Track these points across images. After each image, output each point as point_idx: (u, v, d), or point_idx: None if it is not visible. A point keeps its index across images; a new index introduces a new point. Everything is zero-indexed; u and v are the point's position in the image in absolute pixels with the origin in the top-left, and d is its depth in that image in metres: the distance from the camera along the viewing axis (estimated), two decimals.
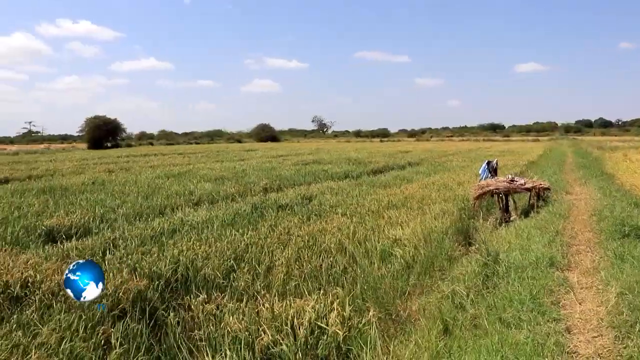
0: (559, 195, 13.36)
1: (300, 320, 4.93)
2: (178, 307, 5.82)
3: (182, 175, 20.71)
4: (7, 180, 20.09)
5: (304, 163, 27.43)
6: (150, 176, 20.57)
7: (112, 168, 26.03)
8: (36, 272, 6.38)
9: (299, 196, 13.80)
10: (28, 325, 5.11)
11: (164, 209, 12.19)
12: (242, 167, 25.06)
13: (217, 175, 20.01)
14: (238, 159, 33.59)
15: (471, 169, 22.56)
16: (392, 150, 46.78)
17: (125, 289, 5.80)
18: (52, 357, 4.42)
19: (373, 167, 24.72)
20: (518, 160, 28.74)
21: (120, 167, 27.06)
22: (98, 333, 4.94)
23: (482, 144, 72.47)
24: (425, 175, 20.80)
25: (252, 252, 7.75)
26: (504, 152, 40.54)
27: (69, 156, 44.15)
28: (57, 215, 10.93)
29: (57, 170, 24.95)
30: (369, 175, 21.26)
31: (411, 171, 23.40)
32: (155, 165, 28.35)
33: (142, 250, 7.81)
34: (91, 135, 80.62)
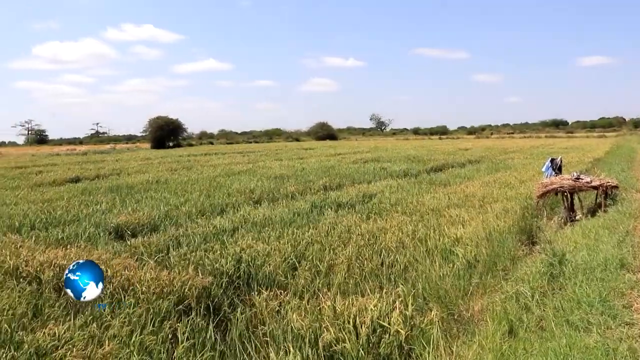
0: (628, 194, 12.84)
1: (362, 318, 4.93)
2: (241, 303, 5.93)
3: (243, 174, 21.04)
4: (78, 179, 20.93)
5: (362, 161, 27.39)
6: (212, 175, 20.99)
7: (175, 167, 26.67)
8: (107, 267, 6.61)
9: (359, 194, 13.78)
10: (100, 317, 5.32)
11: (226, 207, 12.40)
12: (301, 165, 25.24)
13: (276, 174, 20.21)
14: (297, 158, 33.82)
15: (533, 166, 21.99)
16: (451, 147, 46.09)
17: (190, 285, 5.94)
18: (124, 348, 4.58)
19: (432, 165, 24.42)
20: (583, 157, 27.79)
21: (183, 166, 27.71)
22: (165, 327, 5.09)
23: (544, 140, 70.41)
24: (485, 173, 20.41)
25: (313, 250, 7.80)
26: (567, 149, 39.30)
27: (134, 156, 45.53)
28: (124, 212, 11.31)
29: (123, 169, 25.78)
30: (428, 173, 21.03)
31: (471, 169, 23.01)
32: (215, 164, 28.88)
33: (205, 248, 8.00)
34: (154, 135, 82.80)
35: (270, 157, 36.12)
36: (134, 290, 5.97)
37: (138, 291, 5.92)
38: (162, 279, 6.10)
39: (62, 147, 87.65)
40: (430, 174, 20.72)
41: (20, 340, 4.79)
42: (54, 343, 4.65)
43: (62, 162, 36.89)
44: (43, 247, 8.08)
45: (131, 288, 6.05)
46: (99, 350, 4.47)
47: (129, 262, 7.01)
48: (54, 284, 6.54)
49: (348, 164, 25.75)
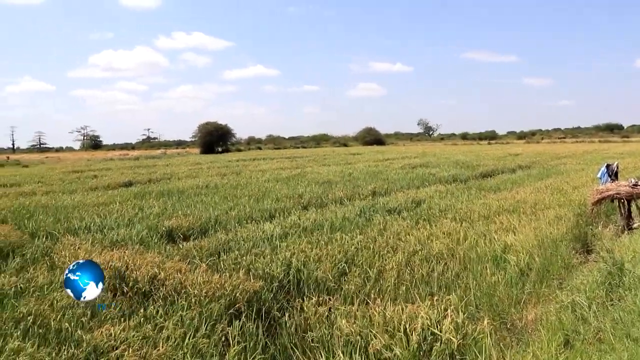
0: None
1: (413, 325, 4.89)
2: (291, 308, 5.96)
3: (291, 179, 21.16)
4: (131, 184, 21.48)
5: (410, 166, 27.19)
6: (260, 180, 21.21)
7: (224, 172, 27.05)
8: (160, 270, 6.76)
9: (407, 200, 13.69)
10: (154, 319, 5.43)
11: (275, 212, 12.49)
12: (348, 170, 25.22)
13: (324, 179, 20.25)
14: (344, 163, 33.83)
15: (587, 172, 21.42)
16: (500, 153, 45.31)
17: (241, 289, 6.01)
18: (177, 350, 4.66)
19: (481, 170, 24.04)
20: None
21: (232, 171, 28.08)
22: (217, 331, 5.15)
23: (597, 145, 68.42)
24: (537, 179, 19.99)
25: (362, 255, 7.79)
26: (623, 154, 38.06)
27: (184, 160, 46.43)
28: (176, 216, 11.53)
29: (173, 174, 26.31)
30: (478, 179, 20.73)
31: (522, 175, 22.57)
32: (264, 169, 29.15)
33: (255, 252, 8.07)
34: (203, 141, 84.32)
35: (318, 162, 36.25)
36: (187, 293, 6.08)
37: (190, 294, 6.02)
38: (213, 283, 6.19)
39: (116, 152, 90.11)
40: (479, 180, 20.43)
41: (80, 339, 4.95)
42: (110, 343, 4.78)
43: (116, 166, 37.90)
44: (99, 249, 8.32)
45: (183, 291, 6.16)
46: (153, 352, 4.57)
47: (181, 265, 7.14)
48: (110, 286, 6.72)
49: (396, 169, 25.61)
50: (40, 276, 7.12)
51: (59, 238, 9.69)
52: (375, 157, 42.48)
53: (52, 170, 35.19)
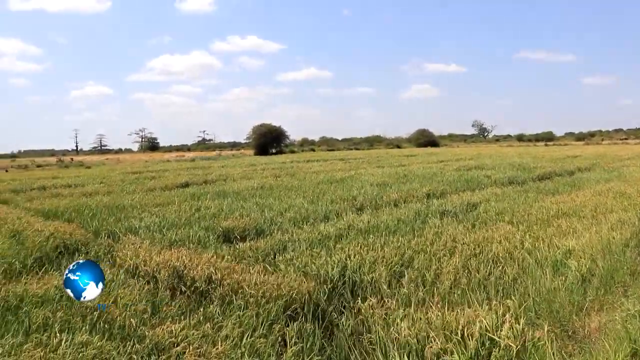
0: None
1: (470, 330, 4.81)
2: (346, 310, 5.97)
3: (345, 181, 21.17)
4: (187, 185, 21.94)
5: (465, 169, 26.80)
6: (314, 181, 21.29)
7: (278, 173, 27.29)
8: (217, 270, 6.88)
9: (463, 203, 13.49)
10: (212, 318, 5.55)
11: (329, 213, 12.53)
12: (403, 172, 25.04)
13: (378, 181, 20.18)
14: (398, 165, 33.64)
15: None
16: (558, 154, 44.08)
17: (297, 290, 6.06)
18: (236, 349, 4.73)
19: (538, 173, 23.41)
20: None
21: (286, 172, 28.30)
22: (275, 331, 5.22)
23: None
24: (597, 182, 19.33)
25: (418, 258, 7.73)
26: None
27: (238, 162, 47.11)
28: (232, 217, 11.71)
29: (228, 175, 26.73)
30: (535, 182, 20.22)
31: (581, 177, 21.88)
32: (317, 170, 29.26)
33: (310, 253, 8.12)
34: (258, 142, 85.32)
35: (372, 164, 36.16)
36: (243, 293, 6.17)
37: (247, 294, 6.12)
38: (270, 283, 6.26)
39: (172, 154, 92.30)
40: (536, 182, 19.93)
41: (142, 335, 5.10)
42: (171, 340, 4.90)
43: (173, 168, 38.80)
44: (158, 248, 8.53)
45: (240, 291, 6.26)
46: (212, 350, 4.66)
47: (238, 266, 7.25)
48: (169, 284, 6.90)
49: (450, 171, 25.28)
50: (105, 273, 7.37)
51: (120, 237, 10.00)
52: (429, 159, 42.06)
53: (113, 172, 36.32)
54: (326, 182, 20.91)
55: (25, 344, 4.89)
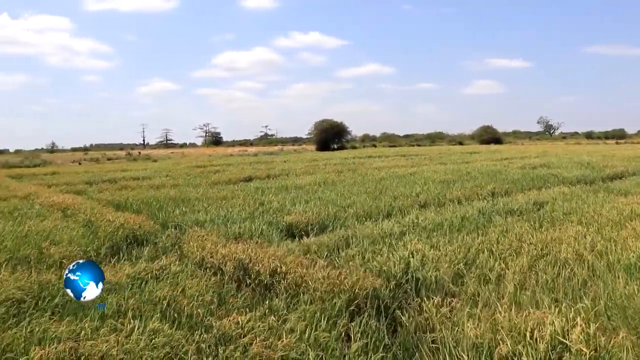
0: None
1: (540, 333, 4.71)
2: (410, 307, 5.94)
3: (407, 177, 21.02)
4: (251, 179, 22.31)
5: (531, 167, 26.07)
6: (376, 177, 21.23)
7: (340, 169, 27.32)
8: (281, 263, 6.98)
9: (529, 202, 13.15)
10: (277, 311, 5.64)
11: (392, 210, 12.49)
12: (466, 169, 24.62)
13: (441, 178, 19.93)
14: (461, 162, 33.09)
15: None
16: (631, 153, 42.20)
17: (361, 286, 6.07)
18: (300, 342, 4.79)
19: (609, 172, 22.50)
20: None
21: (347, 168, 28.31)
22: (339, 326, 5.25)
23: None
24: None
25: (482, 257, 7.60)
26: None
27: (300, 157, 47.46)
28: (295, 212, 11.82)
29: (290, 170, 26.97)
30: (605, 181, 19.44)
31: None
32: (379, 166, 29.16)
33: (373, 250, 8.12)
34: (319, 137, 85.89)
35: (434, 160, 35.75)
36: (307, 288, 6.25)
37: (310, 288, 6.18)
38: (333, 278, 6.30)
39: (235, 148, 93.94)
40: (606, 182, 19.15)
41: (210, 325, 5.25)
42: (238, 331, 5.01)
43: (236, 162, 39.51)
44: (224, 241, 8.72)
45: (304, 285, 6.33)
46: (278, 342, 4.73)
47: (302, 260, 7.33)
48: (235, 276, 7.05)
49: (515, 169, 24.64)
50: (172, 265, 7.62)
51: (187, 229, 10.27)
52: (493, 156, 41.17)
53: (178, 165, 37.27)
54: (388, 178, 20.80)
55: (101, 329, 5.12)
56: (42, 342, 4.84)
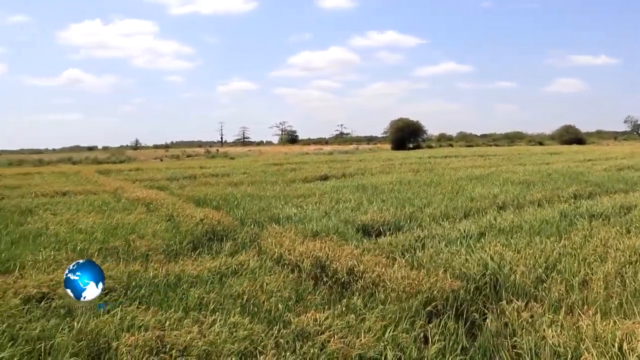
0: None
1: (630, 345, 4.48)
2: (488, 311, 5.84)
3: (484, 178, 20.58)
4: (327, 177, 22.50)
5: (617, 168, 24.92)
6: (453, 177, 20.92)
7: (416, 168, 27.10)
8: (358, 262, 7.02)
9: (615, 205, 12.57)
10: (355, 309, 5.68)
11: (469, 210, 12.29)
12: (546, 170, 23.83)
13: (520, 179, 19.38)
14: (541, 162, 32.06)
15: None
16: None
17: (439, 288, 6.02)
18: (378, 342, 4.81)
19: None
20: None
21: (424, 167, 28.05)
22: (417, 327, 5.24)
23: None
24: None
25: (565, 262, 7.36)
26: None
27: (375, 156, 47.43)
28: (371, 211, 11.82)
29: (366, 169, 26.99)
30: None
31: None
32: (456, 166, 28.70)
33: (450, 251, 8.02)
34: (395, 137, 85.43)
35: (513, 161, 34.81)
36: (384, 287, 6.26)
37: (388, 288, 6.19)
38: (411, 279, 6.28)
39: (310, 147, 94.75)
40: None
41: (288, 320, 5.35)
42: (316, 328, 5.08)
43: (311, 160, 39.92)
44: (301, 239, 8.85)
45: (381, 284, 6.34)
46: (356, 341, 4.76)
47: (379, 259, 7.34)
48: (312, 274, 7.15)
49: (599, 171, 23.62)
50: (251, 260, 7.82)
51: (265, 226, 10.48)
52: (575, 157, 39.59)
53: (255, 163, 38.07)
54: (465, 178, 20.45)
55: (184, 319, 5.33)
56: (130, 330, 5.09)
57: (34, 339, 4.95)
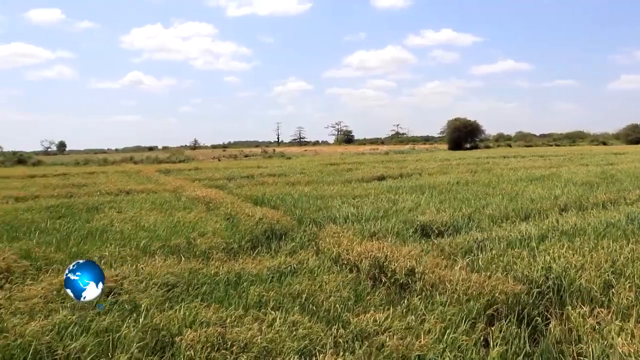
0: None
1: None
2: (552, 316, 5.70)
3: (545, 179, 20.09)
4: (383, 178, 22.42)
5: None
6: (512, 178, 20.50)
7: (474, 169, 26.69)
8: (417, 263, 6.98)
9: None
10: (415, 311, 5.64)
11: (529, 212, 12.01)
12: (610, 171, 23.04)
13: (583, 180, 18.80)
14: (605, 163, 31.01)
15: None
16: None
17: (500, 291, 5.92)
18: (438, 344, 4.77)
19: None
20: None
21: (482, 168, 27.59)
22: (477, 330, 5.17)
23: None
24: None
25: (634, 267, 7.07)
26: None
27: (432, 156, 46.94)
28: (429, 212, 11.71)
29: (423, 169, 26.75)
30: None
31: None
32: (515, 167, 28.09)
33: (511, 253, 7.84)
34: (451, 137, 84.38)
35: (574, 161, 33.81)
36: (444, 289, 6.19)
37: (448, 290, 6.13)
38: (471, 281, 6.19)
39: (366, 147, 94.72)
40: None
41: (347, 320, 5.37)
42: (375, 328, 5.08)
43: (367, 160, 39.86)
44: (359, 239, 8.85)
45: (441, 286, 6.29)
46: (416, 342, 4.73)
47: (438, 261, 7.28)
48: (370, 274, 7.14)
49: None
50: (310, 259, 7.87)
51: (323, 225, 10.53)
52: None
53: (311, 163, 38.27)
54: (525, 179, 20.00)
55: (245, 317, 5.42)
56: (192, 325, 5.21)
57: (103, 331, 5.14)
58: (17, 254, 8.20)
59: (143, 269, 7.10)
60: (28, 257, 8.19)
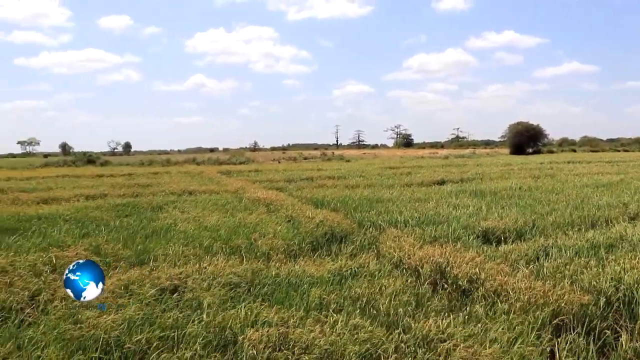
0: None
1: None
2: (622, 329, 5.49)
3: (612, 186, 19.36)
4: (443, 182, 22.17)
5: None
6: (577, 184, 19.89)
7: (537, 174, 26.02)
8: (480, 270, 6.86)
9: None
10: (479, 318, 5.54)
11: (596, 220, 11.62)
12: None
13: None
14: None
15: None
16: None
17: (567, 301, 5.75)
18: (505, 355, 4.66)
19: None
20: None
21: (545, 173, 26.87)
22: (543, 340, 5.04)
23: None
24: None
25: None
26: None
27: (493, 161, 46.02)
28: (491, 218, 11.50)
29: (484, 174, 26.28)
30: None
31: None
32: (580, 173, 27.21)
33: (578, 262, 7.61)
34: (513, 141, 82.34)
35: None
36: (507, 297, 6.07)
37: (512, 298, 6.00)
38: (535, 290, 6.05)
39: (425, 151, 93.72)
40: None
41: (408, 326, 5.33)
42: (439, 335, 5.02)
43: (427, 164, 39.45)
44: (420, 243, 8.78)
45: (504, 294, 6.16)
46: (483, 351, 4.64)
47: (501, 268, 7.14)
48: (431, 279, 7.07)
49: None
50: (370, 263, 7.87)
51: (384, 229, 10.49)
52: None
53: (371, 166, 38.15)
54: (591, 185, 19.34)
55: (306, 319, 5.46)
56: (254, 325, 5.29)
57: (168, 327, 5.28)
58: (87, 250, 8.55)
59: (206, 268, 7.26)
60: (98, 253, 8.51)
